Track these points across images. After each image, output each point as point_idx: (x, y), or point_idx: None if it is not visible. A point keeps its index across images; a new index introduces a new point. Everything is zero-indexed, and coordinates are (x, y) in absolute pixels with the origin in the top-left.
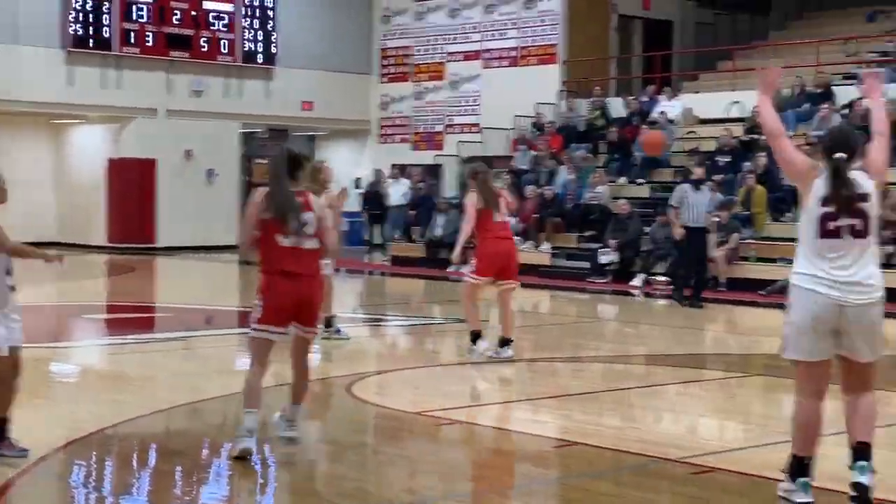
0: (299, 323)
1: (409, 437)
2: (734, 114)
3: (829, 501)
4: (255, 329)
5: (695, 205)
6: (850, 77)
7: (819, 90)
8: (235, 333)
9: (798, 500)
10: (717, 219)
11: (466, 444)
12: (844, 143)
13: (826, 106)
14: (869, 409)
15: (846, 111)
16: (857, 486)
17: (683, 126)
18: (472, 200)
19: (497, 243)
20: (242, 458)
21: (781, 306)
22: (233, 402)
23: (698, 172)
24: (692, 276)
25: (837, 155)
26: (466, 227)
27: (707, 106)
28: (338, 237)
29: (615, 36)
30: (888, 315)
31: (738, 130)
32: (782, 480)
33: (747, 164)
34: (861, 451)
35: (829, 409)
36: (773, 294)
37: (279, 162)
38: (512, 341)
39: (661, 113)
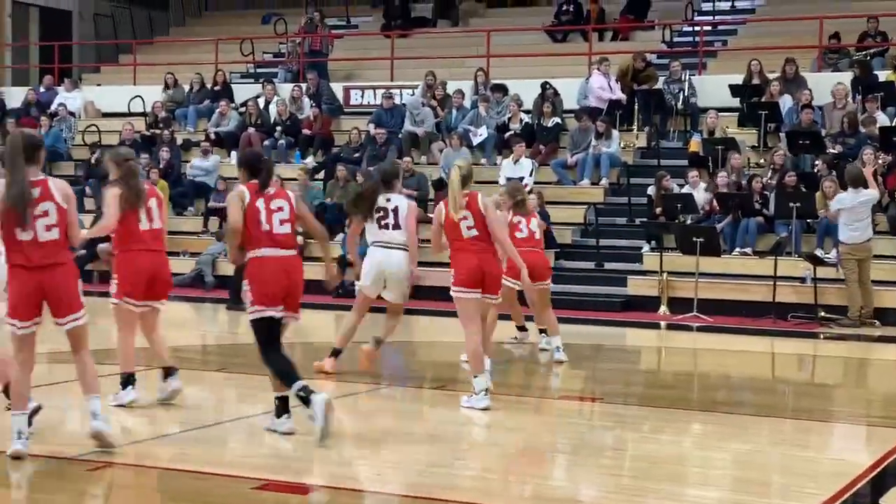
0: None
1: None
2: (136, 108)
3: None
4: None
5: None
6: (248, 76)
7: (218, 87)
8: None
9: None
10: None
11: None
12: None
13: (224, 103)
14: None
15: (243, 109)
16: None
17: (85, 119)
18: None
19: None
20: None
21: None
22: None
23: None
24: None
25: None
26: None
27: (109, 99)
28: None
29: (10, 23)
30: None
31: (140, 124)
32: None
33: (145, 157)
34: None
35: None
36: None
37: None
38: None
39: (62, 105)
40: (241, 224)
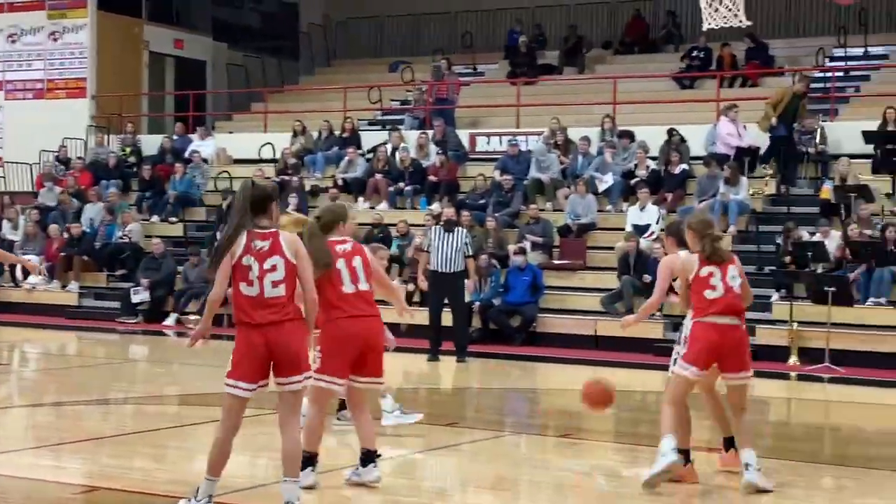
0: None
1: None
2: (267, 154)
3: None
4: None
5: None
6: (375, 123)
7: (346, 135)
8: None
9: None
10: None
11: None
12: None
13: (352, 150)
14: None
15: (370, 155)
16: None
17: (217, 165)
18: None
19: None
20: None
21: None
22: None
23: (449, 213)
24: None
25: None
26: None
27: (240, 146)
28: None
29: (147, 73)
30: None
31: (270, 171)
32: None
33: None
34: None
35: None
36: None
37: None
38: None
39: (195, 152)
40: None
